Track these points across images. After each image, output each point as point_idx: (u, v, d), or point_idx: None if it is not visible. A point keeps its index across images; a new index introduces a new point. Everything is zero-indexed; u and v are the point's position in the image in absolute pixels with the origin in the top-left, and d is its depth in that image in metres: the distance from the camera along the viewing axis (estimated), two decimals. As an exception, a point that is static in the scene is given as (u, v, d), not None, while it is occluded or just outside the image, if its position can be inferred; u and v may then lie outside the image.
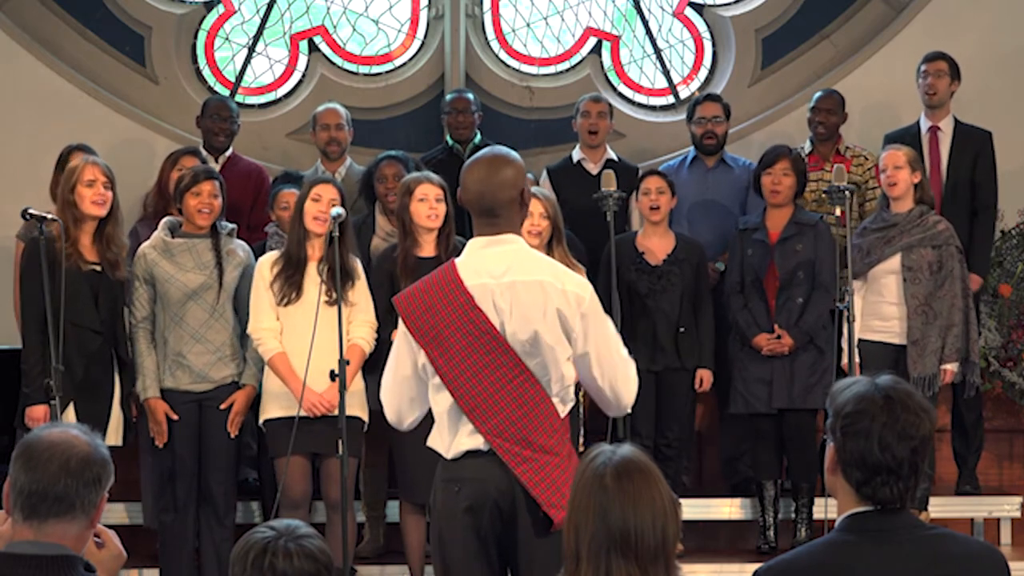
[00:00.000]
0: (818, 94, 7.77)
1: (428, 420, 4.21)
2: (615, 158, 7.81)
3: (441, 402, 4.08)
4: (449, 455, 4.09)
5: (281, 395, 6.18)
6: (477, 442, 4.04)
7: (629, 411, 4.32)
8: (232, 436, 6.31)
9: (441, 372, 4.03)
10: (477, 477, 4.05)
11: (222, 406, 6.30)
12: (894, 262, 6.89)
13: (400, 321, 4.13)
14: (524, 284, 4.03)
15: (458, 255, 4.20)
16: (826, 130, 7.65)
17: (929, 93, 7.59)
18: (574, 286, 4.08)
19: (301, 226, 6.24)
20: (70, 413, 5.98)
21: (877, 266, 6.91)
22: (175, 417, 6.27)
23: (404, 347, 4.13)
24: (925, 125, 7.63)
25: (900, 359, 6.84)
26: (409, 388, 4.15)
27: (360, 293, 6.26)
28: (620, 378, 4.14)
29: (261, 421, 6.29)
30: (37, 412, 6.03)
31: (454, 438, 4.07)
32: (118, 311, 6.25)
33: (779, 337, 6.89)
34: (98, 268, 6.14)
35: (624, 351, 4.17)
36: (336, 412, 6.01)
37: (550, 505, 3.98)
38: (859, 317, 6.65)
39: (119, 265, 6.19)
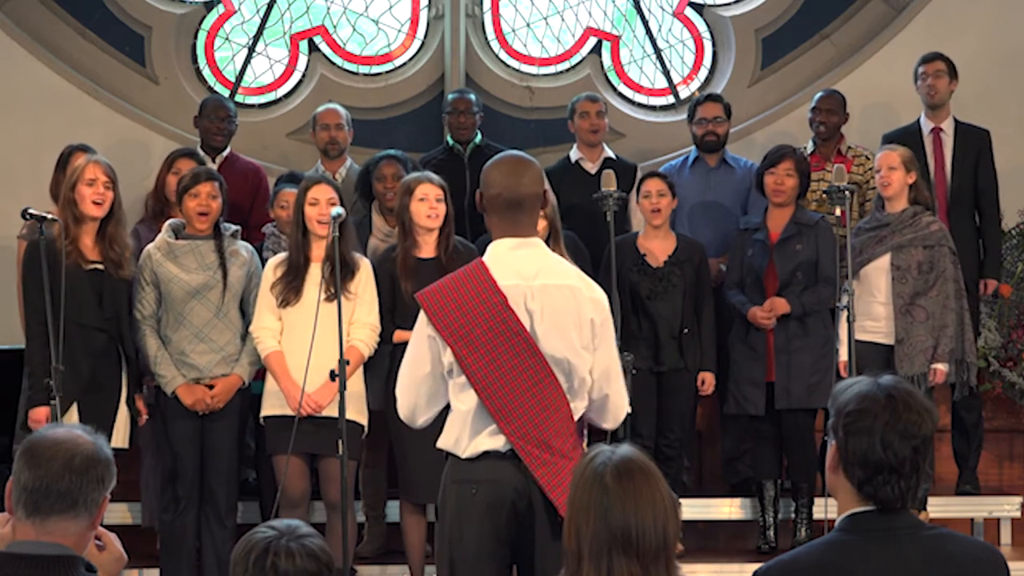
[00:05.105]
0: (819, 94, 7.74)
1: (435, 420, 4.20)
2: (613, 156, 7.79)
3: (466, 401, 4.05)
4: (464, 455, 4.06)
5: (278, 392, 6.19)
6: (497, 443, 4.03)
7: (620, 424, 4.31)
8: (200, 415, 6.23)
9: (469, 371, 4.01)
10: (494, 478, 4.04)
11: (213, 395, 6.24)
12: (884, 261, 6.89)
13: (423, 319, 4.08)
14: (556, 288, 4.05)
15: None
16: (827, 130, 7.62)
17: (930, 94, 7.58)
18: (599, 294, 4.14)
19: (300, 229, 6.23)
20: (73, 413, 5.96)
21: (867, 265, 6.90)
22: (204, 402, 6.23)
23: (425, 344, 4.08)
24: (927, 127, 7.61)
25: (892, 359, 6.84)
26: (427, 386, 4.11)
27: (362, 286, 6.23)
28: (619, 390, 4.16)
29: (261, 418, 6.30)
30: (39, 414, 6.00)
31: (473, 438, 4.05)
32: (124, 309, 6.22)
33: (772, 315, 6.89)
34: (100, 267, 6.12)
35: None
36: (326, 413, 6.03)
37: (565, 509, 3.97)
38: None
39: (123, 264, 6.16)
